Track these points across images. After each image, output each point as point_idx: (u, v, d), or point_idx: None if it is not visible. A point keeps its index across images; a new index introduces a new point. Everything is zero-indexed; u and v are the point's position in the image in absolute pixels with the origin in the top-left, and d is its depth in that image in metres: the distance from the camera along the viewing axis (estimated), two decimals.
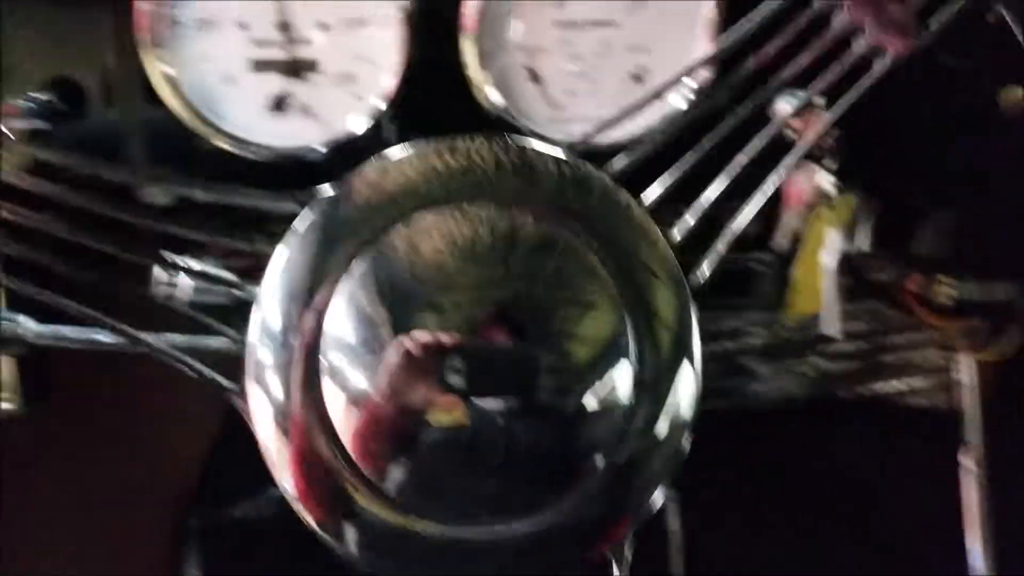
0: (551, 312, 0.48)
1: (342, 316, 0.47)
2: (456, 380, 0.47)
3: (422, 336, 0.47)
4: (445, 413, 0.47)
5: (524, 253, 0.48)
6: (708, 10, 0.76)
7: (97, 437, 0.95)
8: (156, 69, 0.74)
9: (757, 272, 0.88)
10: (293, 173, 0.79)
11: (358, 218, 0.48)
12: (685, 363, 0.48)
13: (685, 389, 0.48)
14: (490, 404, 0.47)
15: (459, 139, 0.49)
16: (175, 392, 0.94)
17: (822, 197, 0.80)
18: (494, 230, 0.48)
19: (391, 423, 0.47)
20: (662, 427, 0.48)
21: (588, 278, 0.49)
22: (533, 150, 0.50)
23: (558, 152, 0.50)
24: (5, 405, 0.82)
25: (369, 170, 0.49)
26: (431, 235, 0.48)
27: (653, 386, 0.47)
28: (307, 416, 0.47)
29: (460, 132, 0.78)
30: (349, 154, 0.78)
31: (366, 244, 0.48)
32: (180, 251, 0.86)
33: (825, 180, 0.79)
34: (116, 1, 0.74)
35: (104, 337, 0.49)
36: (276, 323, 0.47)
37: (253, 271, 0.91)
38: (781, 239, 0.84)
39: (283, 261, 0.48)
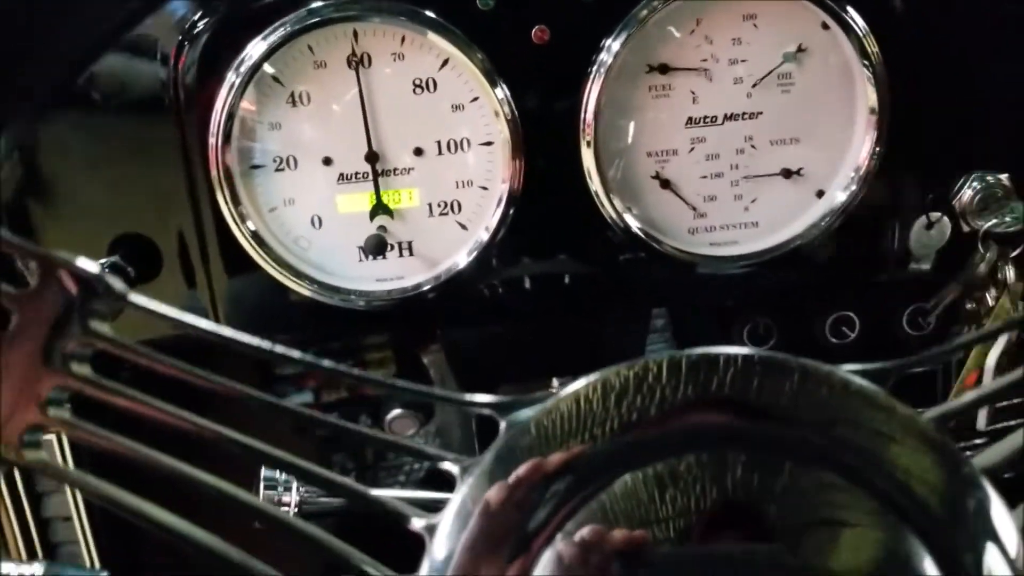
0: (789, 536, 0.36)
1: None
2: None
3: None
4: None
5: (738, 472, 0.36)
6: (869, 92, 0.64)
7: None
8: (240, 225, 0.65)
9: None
10: (396, 317, 0.70)
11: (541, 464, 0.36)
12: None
13: None
14: None
15: (627, 363, 0.38)
16: None
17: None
18: (700, 462, 0.36)
19: None
20: None
21: (829, 490, 0.36)
22: (707, 353, 0.38)
23: (742, 349, 0.38)
24: None
25: (538, 411, 0.38)
26: (632, 487, 0.36)
27: None
28: None
29: (583, 251, 0.69)
30: (458, 288, 0.68)
31: (560, 492, 0.36)
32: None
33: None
34: (185, 144, 0.65)
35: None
36: None
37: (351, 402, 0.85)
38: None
39: (459, 507, 0.36)
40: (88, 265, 0.32)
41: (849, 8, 0.63)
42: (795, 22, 0.64)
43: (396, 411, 0.75)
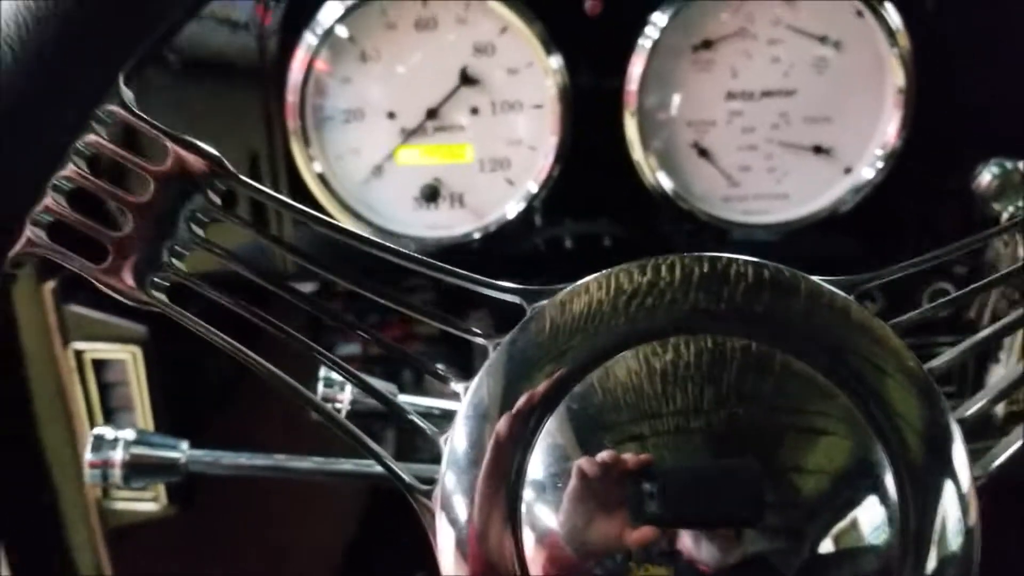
0: (772, 437, 0.41)
1: (537, 446, 0.41)
2: (652, 507, 0.40)
3: (605, 457, 0.40)
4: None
5: (733, 373, 0.41)
6: (898, 78, 0.69)
7: (239, 538, 0.92)
8: (308, 168, 0.72)
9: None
10: (444, 262, 0.76)
11: (550, 346, 0.42)
12: (953, 484, 0.40)
13: (956, 517, 0.39)
14: (702, 548, 0.39)
15: (648, 259, 0.43)
16: (315, 494, 0.91)
17: None
18: (698, 351, 0.41)
19: (581, 564, 0.40)
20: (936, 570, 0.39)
21: (814, 396, 0.41)
22: (726, 258, 0.43)
23: (752, 259, 0.43)
24: (151, 507, 0.81)
25: (560, 295, 0.43)
26: (629, 360, 0.42)
27: (918, 521, 0.38)
28: (493, 548, 0.40)
29: (623, 215, 0.74)
30: (503, 241, 0.74)
31: (560, 373, 0.42)
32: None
33: None
34: (267, 94, 0.72)
35: (263, 461, 0.45)
36: (469, 447, 0.41)
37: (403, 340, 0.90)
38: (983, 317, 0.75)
39: (480, 386, 0.42)
40: (208, 148, 0.39)
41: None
42: (832, 8, 0.68)
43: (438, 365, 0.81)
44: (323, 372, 0.56)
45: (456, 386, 0.42)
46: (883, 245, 0.74)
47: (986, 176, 0.70)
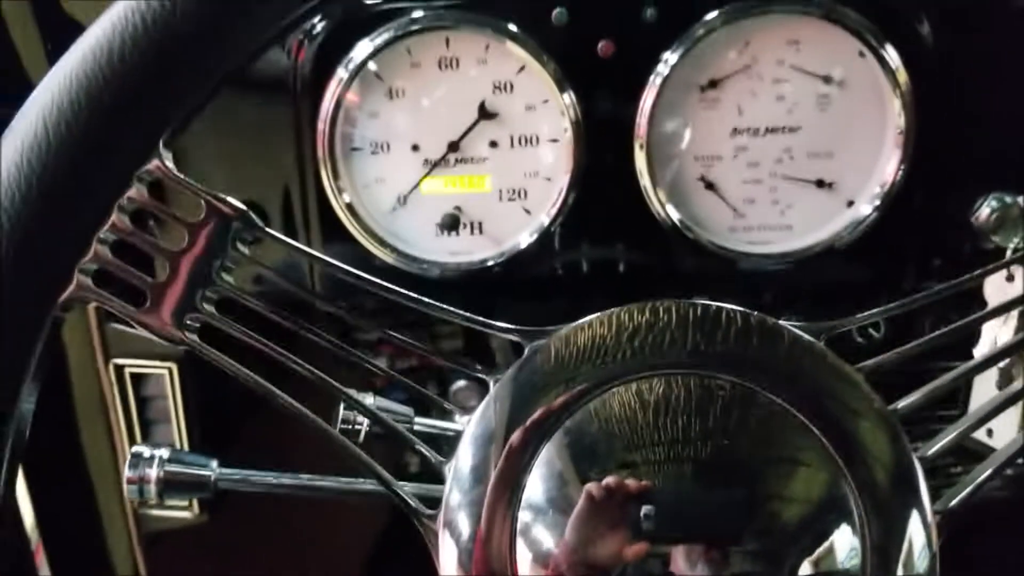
0: (754, 468, 0.44)
1: (536, 472, 0.45)
2: (648, 526, 0.43)
3: (610, 481, 0.44)
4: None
5: (719, 409, 0.45)
6: (898, 116, 0.71)
7: (265, 544, 0.96)
8: (337, 198, 0.76)
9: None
10: (465, 287, 0.80)
11: (553, 376, 0.46)
12: (915, 513, 0.43)
13: (919, 543, 0.42)
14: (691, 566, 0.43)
15: (646, 302, 0.47)
16: (338, 505, 0.96)
17: None
18: (687, 386, 0.45)
19: None
20: None
21: (791, 432, 0.45)
22: (715, 305, 0.47)
23: (742, 308, 0.47)
24: (185, 514, 0.85)
25: (563, 331, 0.47)
26: (623, 393, 0.46)
27: (882, 547, 0.42)
28: (495, 567, 0.44)
29: (634, 243, 0.78)
30: (520, 267, 0.77)
31: (565, 399, 0.45)
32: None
33: None
34: (299, 126, 0.76)
35: (288, 480, 0.49)
36: (472, 472, 0.45)
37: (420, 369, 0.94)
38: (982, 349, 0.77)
39: (485, 408, 0.46)
40: (238, 204, 0.44)
41: (884, 40, 0.70)
42: (835, 49, 0.71)
43: (460, 382, 0.85)
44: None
45: (460, 419, 0.46)
46: (885, 275, 0.77)
47: (985, 210, 0.73)
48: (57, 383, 0.84)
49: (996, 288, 0.70)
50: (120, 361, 0.81)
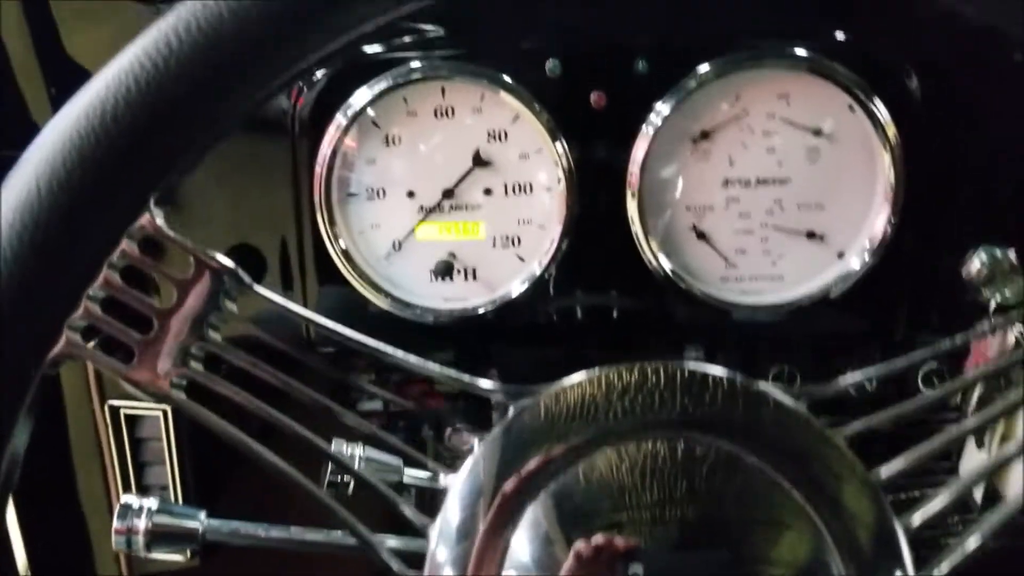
0: (740, 529, 0.45)
1: (522, 530, 0.45)
2: None
3: (598, 540, 0.44)
4: None
5: (705, 470, 0.45)
6: (888, 170, 0.72)
7: None
8: (333, 243, 0.77)
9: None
10: (458, 333, 0.80)
11: (543, 435, 0.47)
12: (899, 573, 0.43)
13: None
14: None
15: (634, 363, 0.48)
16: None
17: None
18: (674, 447, 0.46)
19: None
20: None
21: (776, 495, 0.45)
22: (701, 367, 0.48)
23: (728, 372, 0.48)
24: (176, 557, 0.85)
25: (552, 389, 0.48)
26: (610, 453, 0.46)
27: None
28: None
29: (627, 291, 0.78)
30: (514, 313, 0.78)
31: (549, 461, 0.46)
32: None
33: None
34: (296, 171, 0.77)
35: (276, 533, 0.49)
36: (458, 530, 0.46)
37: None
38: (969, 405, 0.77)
39: (472, 467, 0.47)
40: (227, 261, 0.44)
41: (873, 94, 0.71)
42: (824, 103, 0.72)
43: (456, 425, 0.85)
44: (334, 446, 0.61)
45: (444, 479, 0.46)
46: (877, 326, 0.77)
47: (976, 263, 0.73)
48: (53, 424, 0.84)
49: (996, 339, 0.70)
50: (115, 403, 0.82)
